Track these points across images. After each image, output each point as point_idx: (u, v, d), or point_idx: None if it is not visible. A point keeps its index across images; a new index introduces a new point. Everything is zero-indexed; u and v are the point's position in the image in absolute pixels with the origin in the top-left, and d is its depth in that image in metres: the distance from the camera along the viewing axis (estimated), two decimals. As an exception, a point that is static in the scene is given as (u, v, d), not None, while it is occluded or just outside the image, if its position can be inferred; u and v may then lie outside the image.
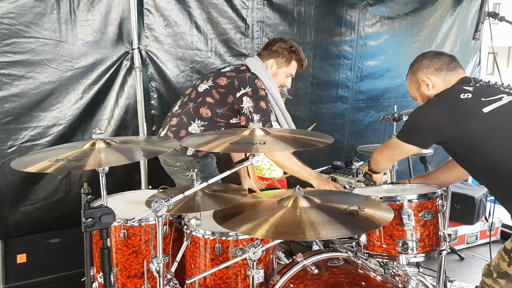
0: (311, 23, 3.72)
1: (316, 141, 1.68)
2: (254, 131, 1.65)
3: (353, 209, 1.67)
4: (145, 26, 3.25)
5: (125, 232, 2.10)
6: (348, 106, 4.11)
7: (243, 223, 1.58)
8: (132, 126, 3.30)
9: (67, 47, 3.02)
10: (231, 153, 3.14)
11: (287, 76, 2.69)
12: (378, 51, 4.10)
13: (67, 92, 3.06)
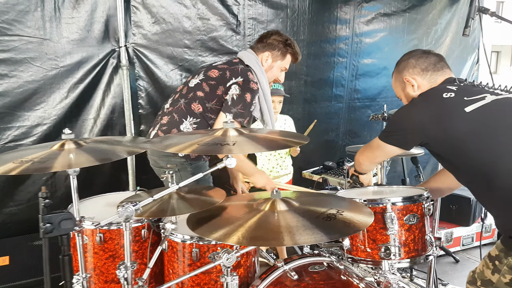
0: (305, 20, 3.65)
1: (290, 142, 1.61)
2: (227, 131, 1.58)
3: (331, 212, 1.61)
4: (132, 24, 3.19)
5: (101, 236, 2.04)
6: (344, 105, 4.03)
7: (217, 228, 1.52)
8: (119, 125, 3.24)
9: (51, 45, 2.97)
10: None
11: (281, 70, 2.63)
12: (374, 49, 4.01)
13: (51, 91, 3.01)
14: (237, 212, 1.69)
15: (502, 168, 1.60)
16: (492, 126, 1.65)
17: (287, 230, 1.46)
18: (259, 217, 1.57)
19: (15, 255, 2.87)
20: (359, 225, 1.55)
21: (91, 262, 2.09)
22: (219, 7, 3.35)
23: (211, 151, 1.43)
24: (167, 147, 1.45)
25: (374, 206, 1.90)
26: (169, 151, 1.43)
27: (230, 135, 1.56)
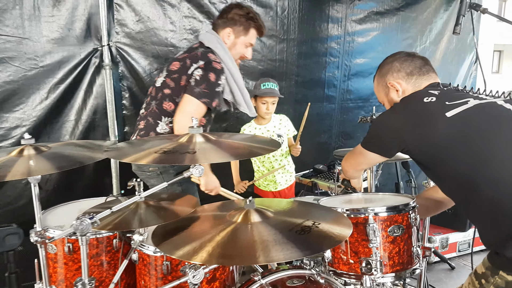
0: (295, 19, 3.54)
1: (262, 149, 1.50)
2: (193, 137, 1.47)
3: (307, 225, 1.50)
4: (115, 22, 3.09)
5: (70, 246, 1.94)
6: (336, 106, 3.92)
7: (184, 244, 1.41)
8: (102, 127, 3.14)
9: (30, 44, 2.87)
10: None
11: (246, 46, 2.50)
12: (367, 48, 3.90)
13: (31, 92, 2.91)
14: (208, 224, 1.59)
15: (484, 177, 1.49)
16: (474, 132, 1.54)
17: (259, 246, 1.36)
18: (230, 231, 1.47)
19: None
20: (335, 239, 1.44)
21: (61, 273, 1.99)
22: (205, 5, 3.24)
23: (171, 161, 1.32)
24: (122, 157, 1.34)
25: (356, 216, 1.79)
26: (125, 161, 1.32)
27: (196, 142, 1.45)
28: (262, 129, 3.07)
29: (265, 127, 3.07)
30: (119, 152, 1.44)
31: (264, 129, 3.07)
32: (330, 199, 2.09)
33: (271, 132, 3.07)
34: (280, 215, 1.61)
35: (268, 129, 3.07)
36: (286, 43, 3.54)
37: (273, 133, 3.07)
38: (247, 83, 3.49)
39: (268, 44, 3.49)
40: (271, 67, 3.53)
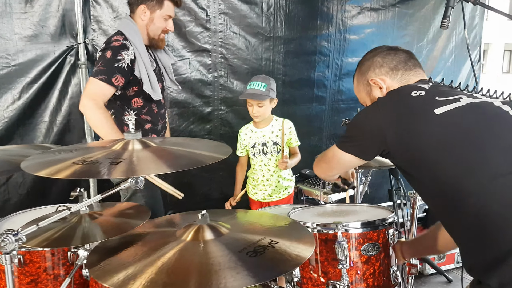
0: (282, 15, 3.38)
1: (208, 158, 1.34)
2: (128, 144, 1.32)
3: (262, 244, 1.35)
4: (91, 18, 2.96)
5: (21, 258, 1.80)
6: (326, 107, 3.75)
7: (121, 268, 1.27)
8: (78, 129, 3.03)
9: (2, 43, 2.77)
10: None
11: (165, 19, 2.43)
12: (360, 46, 3.72)
13: (3, 92, 2.82)
14: (154, 242, 1.44)
15: (473, 186, 1.27)
16: (465, 134, 1.32)
17: (198, 272, 1.21)
18: (177, 251, 1.31)
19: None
20: (291, 263, 1.29)
21: (13, 286, 1.86)
22: (186, 1, 3.09)
23: (92, 174, 1.17)
24: (37, 170, 1.19)
25: (325, 233, 1.63)
26: (39, 174, 1.17)
27: (133, 149, 1.31)
28: (258, 132, 2.78)
29: (261, 131, 2.77)
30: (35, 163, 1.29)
31: (260, 133, 2.77)
32: (302, 211, 1.94)
33: (267, 138, 2.76)
34: (237, 231, 1.47)
35: (264, 133, 2.77)
36: (272, 41, 3.38)
37: (268, 139, 2.76)
38: (232, 82, 3.34)
39: (253, 43, 3.34)
40: (257, 66, 3.38)
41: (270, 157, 2.74)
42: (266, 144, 2.74)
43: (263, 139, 2.75)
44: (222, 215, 1.80)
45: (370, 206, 2.00)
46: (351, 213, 1.89)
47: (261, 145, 2.74)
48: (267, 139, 2.75)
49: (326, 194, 2.94)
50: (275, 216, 1.75)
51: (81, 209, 1.58)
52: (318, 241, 1.66)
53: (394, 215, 1.75)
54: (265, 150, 2.73)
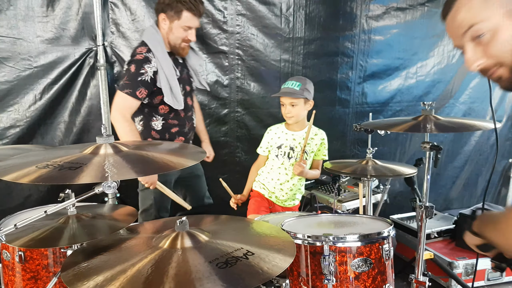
0: (302, 16, 3.30)
1: (179, 164, 1.31)
2: (99, 148, 1.32)
3: (236, 255, 1.31)
4: (110, 21, 3.02)
5: (21, 254, 1.87)
6: (350, 110, 3.62)
7: (93, 274, 1.25)
8: (96, 129, 3.10)
9: (25, 45, 2.87)
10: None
11: (184, 29, 2.41)
12: (385, 47, 3.57)
13: (25, 92, 2.92)
14: (133, 249, 1.42)
15: None
16: None
17: (175, 280, 1.18)
18: (151, 259, 1.29)
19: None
20: (261, 277, 1.23)
21: (15, 281, 1.93)
22: (203, 2, 3.06)
23: (60, 179, 1.17)
24: (3, 174, 1.20)
25: (313, 245, 1.55)
26: (4, 179, 1.18)
27: (105, 153, 1.30)
28: (289, 134, 2.60)
29: (293, 134, 2.59)
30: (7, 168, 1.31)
31: (291, 136, 2.59)
32: (296, 221, 1.86)
33: (296, 143, 2.57)
34: (217, 239, 1.43)
35: (295, 137, 2.58)
36: (291, 42, 3.31)
37: (298, 144, 2.57)
38: (249, 84, 3.30)
39: (271, 44, 3.28)
40: (275, 68, 3.32)
41: (293, 162, 2.56)
42: (293, 148, 2.57)
43: (292, 143, 2.58)
44: (212, 220, 1.78)
45: (370, 218, 1.89)
46: (348, 224, 1.79)
47: (288, 148, 2.57)
48: (297, 143, 2.57)
49: (340, 202, 2.83)
50: (263, 224, 1.70)
51: (69, 211, 1.61)
52: (307, 254, 1.59)
53: (391, 229, 1.64)
54: (291, 155, 2.57)
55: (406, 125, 1.93)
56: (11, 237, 1.53)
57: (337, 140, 3.67)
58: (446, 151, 3.99)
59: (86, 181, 1.15)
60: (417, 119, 1.97)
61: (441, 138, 3.89)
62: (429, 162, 1.92)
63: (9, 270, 1.95)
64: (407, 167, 2.45)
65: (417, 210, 1.98)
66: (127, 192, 3.25)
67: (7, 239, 1.50)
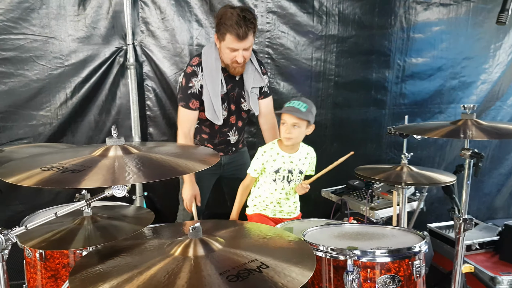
0: (336, 13, 3.16)
1: (190, 168, 1.24)
2: (108, 150, 1.27)
3: (250, 267, 1.24)
4: (140, 20, 3.01)
5: (42, 253, 1.87)
6: (386, 111, 3.45)
7: (101, 280, 1.22)
8: (125, 128, 3.10)
9: (56, 43, 2.91)
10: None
11: (230, 50, 2.35)
12: (426, 45, 3.38)
13: (56, 91, 2.96)
14: (143, 254, 1.37)
15: None
16: None
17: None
18: (160, 268, 1.24)
19: None
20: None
21: (37, 279, 1.94)
22: (233, 0, 3.01)
23: (60, 183, 1.12)
24: (7, 175, 1.17)
25: (337, 259, 1.44)
26: (7, 181, 1.15)
27: (114, 155, 1.25)
28: (286, 157, 2.39)
29: (290, 156, 2.40)
30: (7, 168, 1.28)
31: (288, 158, 2.39)
32: (320, 231, 1.74)
33: (293, 165, 2.40)
34: (231, 248, 1.35)
35: (292, 160, 2.41)
36: (324, 40, 3.18)
37: (295, 167, 2.41)
38: (278, 84, 3.20)
39: (302, 42, 3.17)
40: (306, 67, 3.21)
41: (293, 185, 2.42)
42: (292, 171, 2.39)
43: (290, 166, 2.39)
44: (231, 225, 1.71)
45: (401, 229, 1.75)
46: (376, 237, 1.65)
47: (287, 172, 2.38)
48: (294, 166, 2.40)
49: (373, 210, 2.68)
50: (284, 233, 1.60)
51: (84, 212, 1.58)
52: (330, 268, 1.48)
53: (424, 244, 1.50)
54: (290, 178, 2.39)
55: (443, 130, 1.78)
56: (25, 237, 1.52)
57: (372, 143, 3.51)
58: (491, 156, 3.73)
59: (86, 185, 1.10)
60: (456, 123, 1.81)
61: (486, 142, 3.64)
62: (469, 170, 1.76)
63: (31, 268, 1.96)
64: (445, 174, 2.28)
65: (455, 222, 1.82)
66: (155, 191, 3.25)
67: (21, 239, 1.49)
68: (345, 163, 3.35)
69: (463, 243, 1.78)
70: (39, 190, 3.03)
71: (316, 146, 3.36)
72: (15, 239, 1.26)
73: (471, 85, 3.55)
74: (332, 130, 3.37)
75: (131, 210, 1.79)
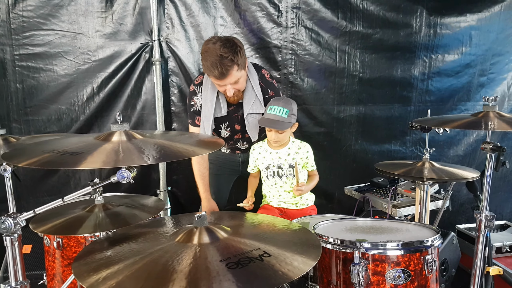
0: (361, 9, 3.12)
1: (194, 151, 1.26)
2: (111, 135, 1.30)
3: (252, 255, 1.24)
4: (166, 16, 3.06)
5: (60, 241, 1.93)
6: (412, 108, 3.38)
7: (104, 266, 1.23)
8: (150, 123, 3.17)
9: (84, 39, 3.00)
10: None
11: (218, 85, 2.31)
12: (454, 41, 3.29)
13: (84, 85, 3.05)
14: (152, 241, 1.39)
15: None
16: None
17: (180, 279, 1.12)
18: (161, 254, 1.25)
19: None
20: (272, 281, 1.14)
21: (55, 267, 2.00)
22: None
23: (58, 164, 1.16)
24: (12, 158, 1.22)
25: (344, 251, 1.42)
26: (14, 163, 1.20)
27: (118, 140, 1.28)
28: (273, 154, 2.42)
29: (277, 152, 2.41)
30: (16, 152, 1.33)
31: (276, 154, 2.41)
32: (331, 224, 1.72)
33: (282, 161, 2.40)
34: (237, 237, 1.36)
35: (280, 155, 2.41)
36: (348, 35, 3.15)
37: (284, 162, 2.40)
38: (302, 80, 3.18)
39: (326, 38, 3.15)
40: (330, 62, 3.18)
41: (285, 180, 2.42)
42: (281, 166, 2.41)
43: (279, 161, 2.41)
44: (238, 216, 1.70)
45: (416, 224, 1.71)
46: (389, 231, 1.62)
47: (276, 167, 2.41)
48: (283, 161, 2.41)
49: (396, 208, 2.63)
50: (293, 225, 1.58)
51: (96, 200, 1.62)
52: (338, 260, 1.46)
53: (437, 238, 1.46)
54: (280, 173, 2.41)
55: (463, 122, 1.73)
56: (36, 223, 1.57)
57: (396, 140, 3.45)
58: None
59: (85, 167, 1.15)
60: (477, 115, 1.75)
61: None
62: (489, 165, 1.70)
63: (49, 256, 2.02)
64: (470, 170, 2.21)
65: (476, 219, 1.76)
66: (178, 186, 3.30)
67: (33, 225, 1.55)
68: (369, 161, 3.31)
69: (483, 241, 1.72)
70: (65, 182, 3.13)
71: (339, 143, 3.37)
72: (24, 223, 1.31)
73: (500, 82, 3.43)
74: (356, 127, 3.33)
75: (149, 201, 1.82)
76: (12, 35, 2.85)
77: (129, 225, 1.48)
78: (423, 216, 2.29)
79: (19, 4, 2.83)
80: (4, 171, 1.61)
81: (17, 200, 1.68)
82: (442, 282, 2.42)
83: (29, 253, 2.92)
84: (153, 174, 3.24)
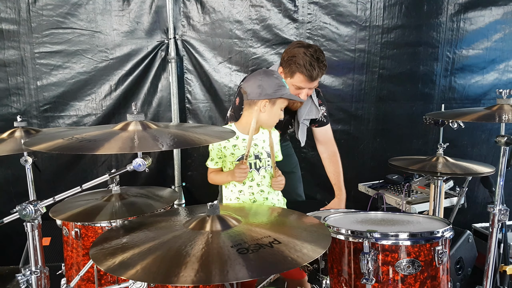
0: (381, 2, 3.16)
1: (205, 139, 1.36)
2: (128, 125, 1.42)
3: (262, 242, 1.32)
4: (181, 14, 3.17)
5: (78, 231, 2.05)
6: (434, 106, 3.40)
7: (122, 251, 1.33)
8: (165, 120, 3.28)
9: (102, 38, 3.13)
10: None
11: (295, 88, 2.34)
12: (478, 36, 3.29)
13: (101, 83, 3.18)
14: (166, 229, 1.50)
15: None
16: None
17: (190, 261, 1.22)
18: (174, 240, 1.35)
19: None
20: (280, 266, 1.23)
21: (73, 257, 2.12)
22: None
23: (75, 149, 1.29)
24: (32, 144, 1.34)
25: (354, 241, 1.50)
26: (34, 148, 1.33)
27: (134, 129, 1.40)
28: (247, 141, 2.01)
29: (254, 139, 2.05)
30: (37, 140, 1.46)
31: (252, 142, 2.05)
32: (343, 216, 1.80)
33: (259, 148, 2.08)
34: (247, 225, 1.45)
35: (257, 143, 2.08)
36: (368, 31, 3.19)
37: (262, 150, 2.08)
38: (319, 77, 3.25)
39: (345, 33, 3.19)
40: (349, 58, 3.23)
41: (264, 174, 2.07)
42: (259, 156, 2.07)
43: (255, 150, 2.06)
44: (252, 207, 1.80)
45: (428, 217, 1.76)
46: (400, 223, 1.67)
47: (253, 158, 2.05)
48: (260, 149, 2.07)
49: (410, 204, 2.68)
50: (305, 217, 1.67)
51: (113, 189, 1.74)
52: (348, 250, 1.54)
53: (448, 230, 1.52)
54: (258, 165, 2.06)
55: (477, 114, 1.78)
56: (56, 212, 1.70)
57: (418, 139, 3.47)
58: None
59: (101, 152, 1.26)
60: (490, 108, 1.81)
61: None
62: (503, 158, 1.75)
63: (68, 246, 2.15)
64: (485, 165, 2.24)
65: (490, 213, 1.81)
66: (193, 182, 3.42)
67: (52, 213, 1.68)
68: (385, 158, 3.34)
69: (497, 235, 1.76)
70: (86, 176, 3.27)
71: (357, 141, 3.42)
72: (44, 209, 1.43)
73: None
74: (375, 124, 3.37)
75: (164, 192, 1.94)
76: (33, 34, 3.02)
77: (144, 214, 1.59)
78: (436, 212, 2.34)
79: (38, 3, 3.00)
80: (25, 162, 1.77)
81: (37, 194, 1.83)
82: (458, 281, 2.45)
83: (48, 246, 3.10)
84: (168, 170, 3.36)
